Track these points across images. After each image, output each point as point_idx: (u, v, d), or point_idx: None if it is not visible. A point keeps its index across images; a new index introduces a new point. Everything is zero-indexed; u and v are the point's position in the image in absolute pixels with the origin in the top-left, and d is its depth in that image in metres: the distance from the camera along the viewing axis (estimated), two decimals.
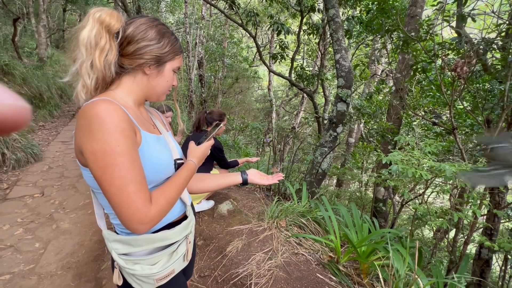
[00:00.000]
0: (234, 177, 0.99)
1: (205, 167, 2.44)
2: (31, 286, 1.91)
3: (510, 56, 1.83)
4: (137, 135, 0.68)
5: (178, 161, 0.81)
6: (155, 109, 0.96)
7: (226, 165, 2.56)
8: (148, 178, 0.68)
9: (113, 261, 0.79)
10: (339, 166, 6.30)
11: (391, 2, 2.68)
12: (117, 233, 0.74)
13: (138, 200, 0.60)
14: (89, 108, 0.60)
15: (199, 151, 0.86)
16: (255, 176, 1.00)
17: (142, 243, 0.73)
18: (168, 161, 0.77)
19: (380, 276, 1.33)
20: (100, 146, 0.58)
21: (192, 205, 1.00)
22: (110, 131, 0.59)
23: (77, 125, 0.61)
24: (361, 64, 4.91)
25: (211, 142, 0.91)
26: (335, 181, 8.07)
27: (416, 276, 1.20)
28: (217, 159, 2.45)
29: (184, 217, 0.87)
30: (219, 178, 1.00)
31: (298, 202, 2.54)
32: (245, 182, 0.99)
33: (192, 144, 0.88)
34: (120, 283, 0.77)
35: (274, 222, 2.13)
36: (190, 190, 0.97)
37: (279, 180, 1.02)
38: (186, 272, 0.98)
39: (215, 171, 2.65)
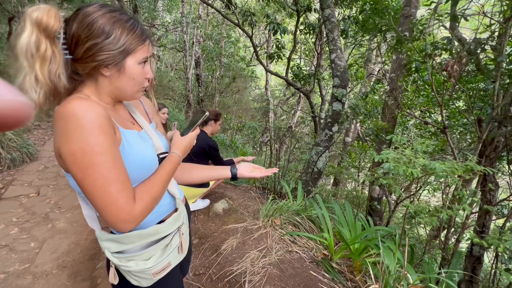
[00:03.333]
0: (223, 171, 0.95)
1: None
2: (26, 285, 1.91)
3: (500, 56, 1.85)
4: (116, 133, 0.64)
5: (162, 155, 0.78)
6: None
7: (222, 165, 2.57)
8: (132, 177, 0.66)
9: (108, 260, 0.78)
10: (336, 165, 6.33)
11: (386, 3, 2.71)
12: (112, 232, 0.73)
13: (122, 200, 0.59)
14: (63, 107, 0.56)
15: (183, 142, 0.81)
16: (246, 170, 0.94)
17: (133, 239, 0.72)
18: (151, 157, 0.73)
19: (371, 273, 1.35)
20: (78, 146, 0.55)
21: (185, 199, 1.00)
22: (88, 129, 0.55)
23: (54, 128, 0.57)
24: (356, 65, 4.94)
25: (196, 132, 0.86)
26: (332, 180, 8.11)
27: (406, 272, 1.23)
28: (212, 158, 2.46)
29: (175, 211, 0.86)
30: (206, 170, 0.96)
31: (293, 201, 2.56)
32: (234, 177, 0.94)
33: (176, 135, 0.84)
34: (116, 282, 0.76)
35: (269, 221, 2.15)
36: (176, 181, 0.95)
37: (274, 173, 0.97)
38: (182, 269, 0.98)
39: None
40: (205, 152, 2.39)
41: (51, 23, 0.57)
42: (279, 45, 5.42)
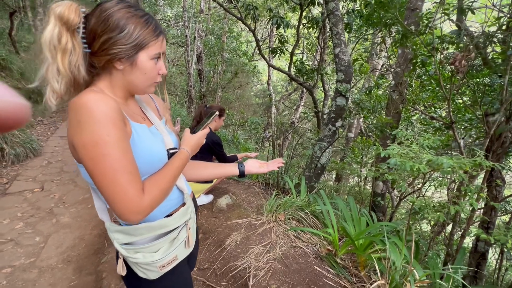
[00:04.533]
0: (231, 168, 0.98)
1: (204, 161, 2.44)
2: (32, 279, 1.93)
3: (509, 49, 1.81)
4: (127, 125, 0.66)
5: (171, 151, 0.80)
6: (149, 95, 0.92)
7: (225, 160, 2.56)
8: (141, 169, 0.67)
9: (117, 251, 0.80)
10: (338, 161, 6.32)
11: None
12: (120, 224, 0.75)
13: (131, 190, 0.60)
14: (77, 99, 0.58)
15: (193, 139, 0.83)
16: (253, 167, 0.98)
17: (142, 231, 0.73)
18: (161, 152, 0.75)
19: (377, 268, 1.35)
20: (90, 138, 0.57)
21: (193, 195, 1.00)
22: (100, 121, 0.57)
23: (68, 119, 0.60)
24: (360, 59, 4.88)
25: (206, 130, 0.88)
26: (334, 176, 8.09)
27: (412, 268, 1.22)
28: (216, 154, 2.45)
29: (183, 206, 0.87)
30: (215, 167, 0.99)
31: (297, 196, 2.56)
32: (242, 174, 0.97)
33: (186, 132, 0.85)
34: (123, 273, 0.77)
35: (272, 216, 2.15)
36: (185, 177, 0.96)
37: (278, 168, 0.99)
38: (189, 263, 0.99)
39: None
40: (209, 148, 2.38)
41: (71, 17, 0.61)
42: (282, 40, 5.35)
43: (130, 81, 0.70)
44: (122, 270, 0.77)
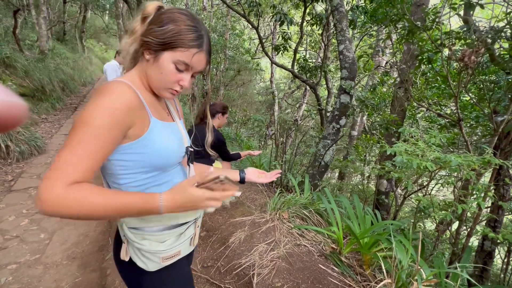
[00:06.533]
0: (233, 174, 1.04)
1: (207, 160, 2.43)
2: (37, 275, 1.94)
3: None
4: (145, 120, 0.69)
5: (190, 149, 0.83)
6: None
7: (229, 158, 2.55)
8: (152, 164, 0.70)
9: (116, 239, 0.81)
10: (342, 159, 6.29)
11: None
12: None
13: (65, 172, 0.54)
14: (104, 85, 0.64)
15: (185, 198, 0.63)
16: (253, 175, 1.04)
17: (152, 218, 0.74)
18: (175, 148, 0.77)
19: (383, 267, 1.33)
20: (86, 115, 0.59)
21: None
22: (102, 107, 0.60)
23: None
24: (365, 56, 4.83)
25: (209, 193, 0.64)
26: (337, 174, 8.06)
27: (419, 267, 1.20)
28: (219, 151, 2.44)
29: None
30: (218, 172, 1.02)
31: (300, 194, 2.54)
32: (242, 181, 1.03)
33: (190, 182, 0.65)
34: (127, 258, 0.77)
35: (276, 214, 2.14)
36: None
37: (280, 166, 1.05)
38: (188, 259, 1.00)
39: (217, 163, 2.65)
40: (212, 145, 2.37)
41: (148, 8, 0.72)
42: (285, 37, 5.31)
43: (149, 74, 0.73)
44: (126, 255, 0.76)
